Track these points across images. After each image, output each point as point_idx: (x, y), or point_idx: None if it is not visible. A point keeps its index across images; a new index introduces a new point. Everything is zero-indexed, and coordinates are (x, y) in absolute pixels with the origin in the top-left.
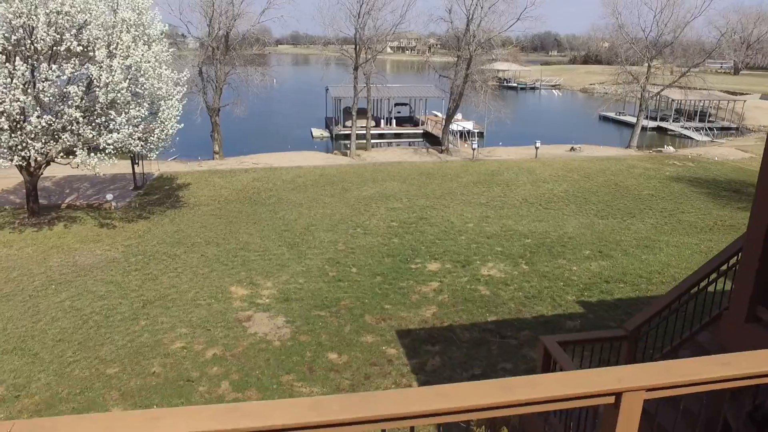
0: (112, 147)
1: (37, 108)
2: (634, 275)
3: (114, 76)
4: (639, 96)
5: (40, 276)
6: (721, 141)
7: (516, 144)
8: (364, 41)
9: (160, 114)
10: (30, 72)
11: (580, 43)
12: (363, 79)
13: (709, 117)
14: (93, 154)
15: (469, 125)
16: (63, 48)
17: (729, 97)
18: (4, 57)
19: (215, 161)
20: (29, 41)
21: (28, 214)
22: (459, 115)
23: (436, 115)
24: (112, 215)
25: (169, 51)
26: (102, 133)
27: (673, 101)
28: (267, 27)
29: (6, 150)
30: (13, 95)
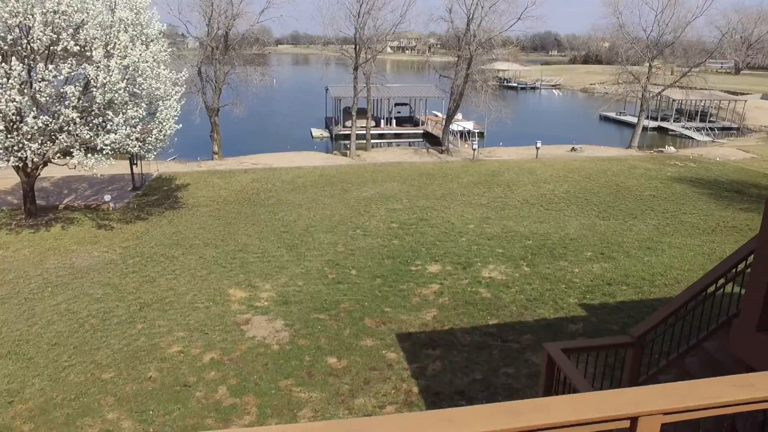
0: (109, 148)
1: (34, 108)
2: (636, 277)
3: (111, 76)
4: (640, 96)
5: (36, 278)
6: (722, 141)
7: (516, 144)
8: (364, 41)
9: (158, 114)
10: (26, 72)
11: (580, 43)
12: (363, 79)
13: (710, 117)
14: (90, 154)
15: (470, 125)
16: (60, 48)
17: (730, 97)
18: (0, 57)
19: (214, 161)
20: (25, 41)
21: (25, 215)
22: (459, 115)
23: (436, 115)
24: (109, 216)
25: (167, 51)
26: (99, 134)
27: (674, 101)
28: (267, 27)
29: (2, 151)
30: (9, 95)
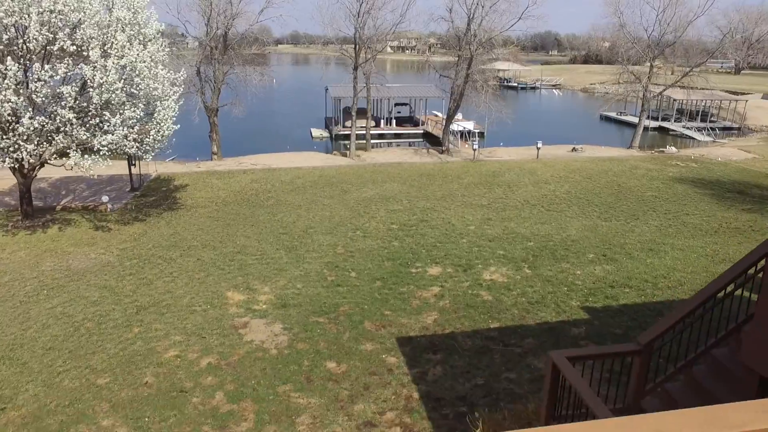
0: (106, 149)
1: (30, 109)
2: (639, 280)
3: (108, 76)
4: (641, 96)
5: (32, 281)
6: (723, 141)
7: (517, 144)
8: (363, 41)
9: (155, 115)
10: (23, 72)
11: (580, 43)
12: (363, 79)
13: (711, 117)
14: (87, 155)
15: (470, 125)
16: (56, 48)
17: (731, 97)
18: None
19: (213, 162)
20: (21, 40)
21: (21, 216)
22: (459, 115)
23: (436, 115)
24: (107, 217)
25: (165, 51)
26: (96, 135)
27: (675, 101)
28: (266, 26)
29: None
30: (5, 96)
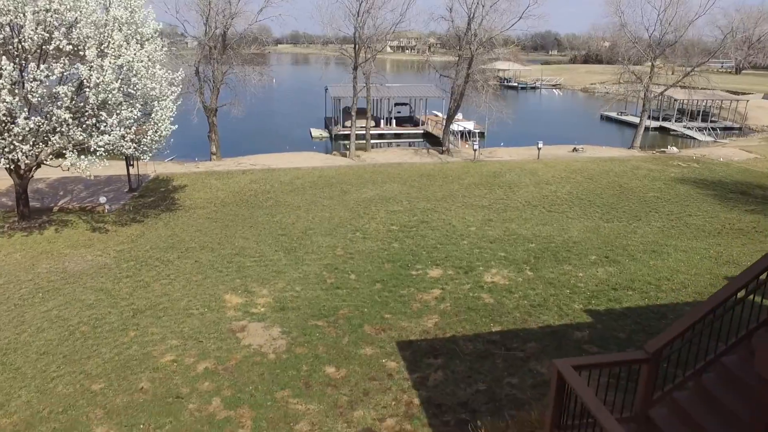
0: (103, 149)
1: (25, 109)
2: (642, 282)
3: (105, 76)
4: (642, 96)
5: (27, 283)
6: (725, 141)
7: (517, 144)
8: (363, 40)
9: (153, 115)
10: (18, 72)
11: (580, 43)
12: (363, 79)
13: (712, 117)
14: (83, 156)
15: (470, 125)
16: (52, 47)
17: (732, 97)
18: None
19: (212, 162)
20: (17, 40)
21: (18, 217)
22: (459, 115)
23: (436, 115)
24: (104, 219)
25: (164, 50)
26: (93, 135)
27: (676, 101)
28: (266, 26)
29: None
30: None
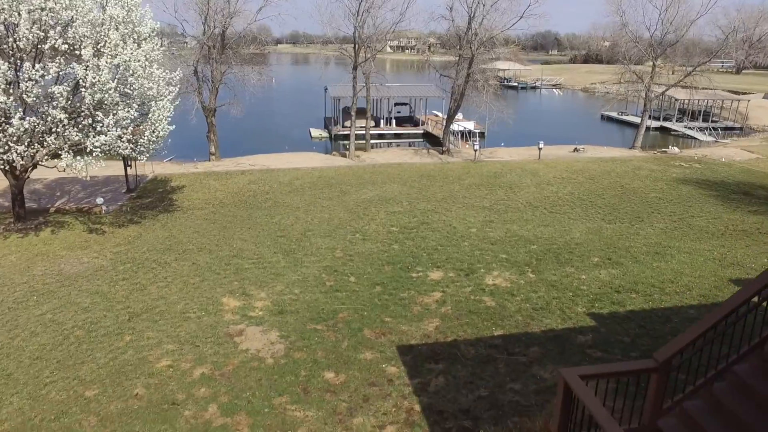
0: (99, 150)
1: (20, 109)
2: (646, 284)
3: (101, 75)
4: (644, 96)
5: (22, 286)
6: (726, 141)
7: (517, 144)
8: (363, 40)
9: (150, 115)
10: (13, 72)
11: (580, 43)
12: (362, 79)
13: (713, 117)
14: (79, 156)
15: (470, 125)
16: (47, 46)
17: (733, 97)
18: None
19: (211, 163)
20: (11, 39)
21: (13, 219)
22: (460, 115)
23: (436, 115)
24: (101, 220)
25: (161, 49)
26: (89, 135)
27: (676, 101)
28: (266, 26)
29: None
30: None
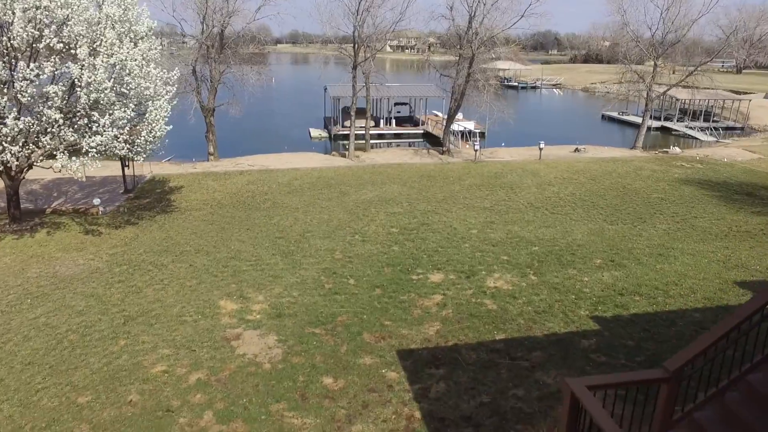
0: (95, 150)
1: (14, 109)
2: (649, 287)
3: (97, 75)
4: (645, 95)
5: (15, 288)
6: (727, 141)
7: (518, 144)
8: (363, 39)
9: (147, 115)
10: (8, 71)
11: (580, 42)
12: (362, 78)
13: (714, 117)
14: (75, 157)
15: (470, 125)
16: (42, 45)
17: (734, 97)
18: None
19: (210, 163)
20: (5, 38)
21: (9, 220)
22: (460, 115)
23: (436, 115)
24: (98, 221)
25: (158, 48)
26: (85, 136)
27: (677, 100)
28: (265, 25)
29: None
30: None
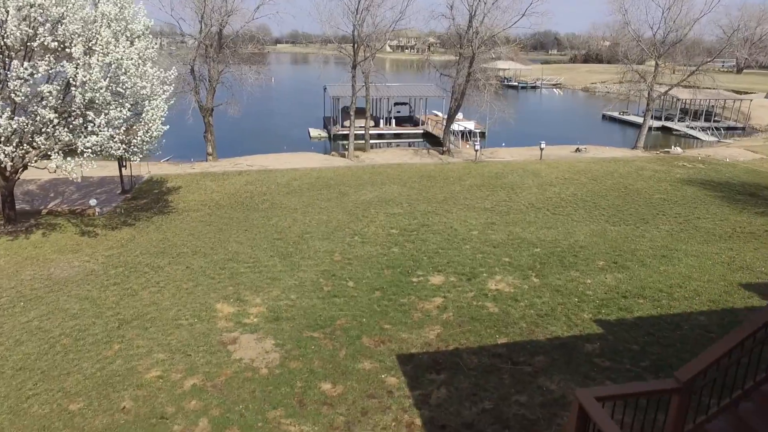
0: (90, 150)
1: (8, 109)
2: (653, 289)
3: (92, 74)
4: (646, 95)
5: (9, 291)
6: (729, 141)
7: (518, 144)
8: (362, 39)
9: (144, 115)
10: (2, 70)
11: (580, 42)
12: (362, 78)
13: (715, 117)
14: (70, 157)
15: (471, 125)
16: (37, 44)
17: (735, 96)
18: None
19: (208, 163)
20: None
21: (3, 221)
22: (460, 115)
23: (436, 115)
24: (94, 222)
25: (155, 47)
26: (80, 136)
27: (678, 100)
28: (265, 25)
29: None
30: None
